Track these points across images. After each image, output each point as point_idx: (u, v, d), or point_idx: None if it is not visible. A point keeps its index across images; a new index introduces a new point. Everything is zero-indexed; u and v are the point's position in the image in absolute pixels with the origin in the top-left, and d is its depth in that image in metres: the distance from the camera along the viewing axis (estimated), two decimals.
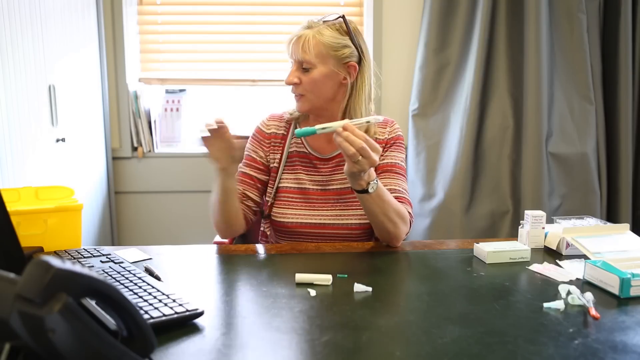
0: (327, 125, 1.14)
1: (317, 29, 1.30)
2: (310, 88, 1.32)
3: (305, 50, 1.29)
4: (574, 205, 2.47)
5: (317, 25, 1.31)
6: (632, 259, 1.14)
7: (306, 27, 1.32)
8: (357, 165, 1.12)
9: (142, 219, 2.72)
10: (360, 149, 1.10)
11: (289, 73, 1.33)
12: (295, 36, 1.31)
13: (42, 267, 0.55)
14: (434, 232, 2.49)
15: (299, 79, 1.32)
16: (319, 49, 1.29)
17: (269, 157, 1.43)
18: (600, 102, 2.49)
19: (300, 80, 1.32)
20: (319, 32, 1.29)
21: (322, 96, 1.33)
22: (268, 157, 1.43)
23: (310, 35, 1.29)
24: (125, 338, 0.66)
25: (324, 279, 1.04)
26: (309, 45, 1.28)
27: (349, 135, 1.10)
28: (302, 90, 1.33)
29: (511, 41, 2.45)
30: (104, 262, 1.10)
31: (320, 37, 1.29)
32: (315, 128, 1.15)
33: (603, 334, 0.83)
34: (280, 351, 0.77)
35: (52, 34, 1.98)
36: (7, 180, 1.69)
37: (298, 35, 1.31)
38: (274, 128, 1.44)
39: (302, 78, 1.31)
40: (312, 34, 1.29)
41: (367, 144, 1.10)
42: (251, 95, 2.78)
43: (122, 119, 2.63)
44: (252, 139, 1.46)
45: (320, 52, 1.29)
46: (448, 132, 2.53)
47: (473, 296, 0.99)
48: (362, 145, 1.09)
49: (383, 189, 1.22)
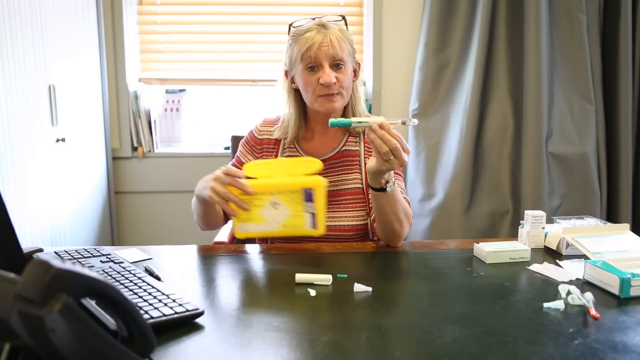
0: (364, 120, 1.13)
1: (338, 27, 1.30)
2: (345, 85, 1.32)
3: (339, 47, 1.28)
4: (574, 205, 2.47)
5: (332, 24, 1.30)
6: (632, 259, 1.14)
7: (322, 27, 1.29)
8: (387, 164, 1.12)
9: (142, 219, 2.72)
10: (394, 149, 1.10)
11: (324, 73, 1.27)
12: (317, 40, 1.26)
13: (42, 267, 0.55)
14: (434, 232, 2.49)
15: (336, 77, 1.30)
16: (345, 46, 1.30)
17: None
18: (600, 102, 2.49)
19: (336, 78, 1.30)
20: (341, 30, 1.30)
21: (350, 93, 1.35)
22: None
23: (337, 33, 1.29)
24: (125, 338, 0.66)
25: (324, 279, 1.04)
26: (340, 43, 1.28)
27: (385, 134, 1.10)
28: (339, 88, 1.31)
29: (511, 41, 2.45)
30: (104, 262, 1.10)
31: (344, 34, 1.30)
32: (350, 120, 1.14)
33: (603, 334, 0.83)
34: (280, 351, 0.77)
35: (52, 34, 1.98)
36: (7, 180, 1.69)
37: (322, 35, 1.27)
38: (267, 134, 1.43)
39: (338, 76, 1.30)
40: (336, 32, 1.29)
41: (400, 144, 1.11)
42: (251, 95, 2.78)
43: (122, 119, 2.63)
44: (245, 143, 1.45)
45: (346, 49, 1.30)
46: (448, 132, 2.53)
47: (473, 296, 0.99)
48: (396, 145, 1.10)
49: (397, 188, 1.25)
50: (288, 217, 1.15)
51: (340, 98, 1.32)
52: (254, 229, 1.17)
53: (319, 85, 1.29)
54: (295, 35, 1.31)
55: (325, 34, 1.28)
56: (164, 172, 2.67)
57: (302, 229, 1.16)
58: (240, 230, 1.18)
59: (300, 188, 1.14)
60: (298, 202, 1.14)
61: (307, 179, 1.15)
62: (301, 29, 1.31)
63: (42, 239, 1.91)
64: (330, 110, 1.33)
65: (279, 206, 1.15)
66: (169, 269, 1.12)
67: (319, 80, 1.28)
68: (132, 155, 2.66)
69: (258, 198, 1.15)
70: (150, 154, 2.66)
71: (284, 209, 1.15)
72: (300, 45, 1.29)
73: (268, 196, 1.15)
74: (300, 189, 1.13)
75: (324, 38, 1.27)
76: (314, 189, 1.14)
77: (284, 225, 1.16)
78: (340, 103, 1.33)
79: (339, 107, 1.34)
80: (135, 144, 2.66)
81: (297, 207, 1.15)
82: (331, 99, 1.31)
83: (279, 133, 1.41)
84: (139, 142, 2.65)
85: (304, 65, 1.29)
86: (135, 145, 2.67)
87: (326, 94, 1.30)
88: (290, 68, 1.35)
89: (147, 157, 2.66)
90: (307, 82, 1.30)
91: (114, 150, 2.63)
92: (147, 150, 2.65)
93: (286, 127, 1.40)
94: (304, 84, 1.32)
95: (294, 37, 1.31)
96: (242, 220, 1.17)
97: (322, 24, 1.30)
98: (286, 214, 1.15)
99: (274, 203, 1.15)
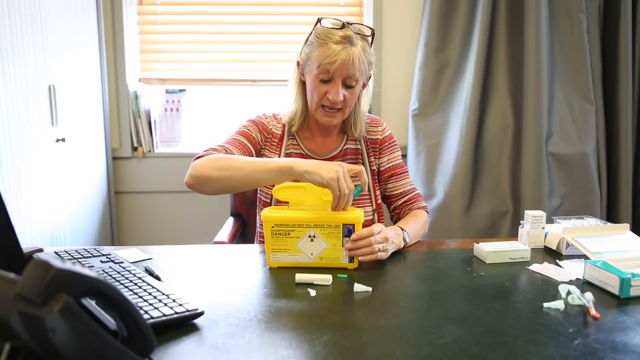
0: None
1: (361, 46, 1.29)
2: (350, 103, 1.34)
3: (359, 69, 1.28)
4: (574, 205, 2.47)
5: (358, 41, 1.28)
6: (632, 259, 1.14)
7: (349, 43, 1.27)
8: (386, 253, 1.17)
9: (142, 219, 2.72)
10: (373, 250, 1.13)
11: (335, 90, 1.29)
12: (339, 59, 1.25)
13: (42, 267, 0.55)
14: (434, 232, 2.49)
15: (344, 95, 1.31)
16: (364, 66, 1.30)
17: (264, 147, 1.43)
18: (600, 102, 2.49)
19: (344, 97, 1.32)
20: (364, 49, 1.29)
21: (352, 107, 1.37)
22: (262, 145, 1.43)
23: (360, 54, 1.28)
24: (125, 338, 0.66)
25: (324, 279, 1.04)
26: (361, 63, 1.28)
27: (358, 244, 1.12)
28: (342, 105, 1.33)
29: (511, 41, 2.45)
30: (104, 262, 1.10)
31: (365, 54, 1.30)
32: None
33: (603, 334, 0.83)
34: (280, 351, 0.77)
35: (52, 34, 1.98)
36: (7, 180, 1.69)
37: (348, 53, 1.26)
38: (275, 129, 1.45)
39: (346, 94, 1.32)
40: (359, 51, 1.27)
41: (376, 242, 1.13)
42: (251, 95, 2.78)
43: (122, 119, 2.63)
44: (252, 122, 1.44)
45: (362, 70, 1.30)
46: (448, 132, 2.53)
47: (473, 296, 0.99)
48: (372, 248, 1.12)
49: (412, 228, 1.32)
50: (325, 250, 1.14)
51: (341, 114, 1.36)
52: (288, 259, 1.15)
53: (325, 97, 1.31)
54: (322, 38, 1.28)
55: (349, 53, 1.26)
56: (164, 172, 2.67)
57: (338, 262, 1.14)
58: (274, 260, 1.15)
59: (342, 223, 1.12)
60: (337, 236, 1.13)
61: (349, 215, 1.13)
62: (329, 34, 1.28)
63: (42, 239, 1.91)
64: (327, 123, 1.37)
65: (316, 239, 1.13)
66: (169, 269, 1.12)
67: (327, 94, 1.30)
68: (132, 155, 2.66)
69: (296, 230, 1.13)
70: (150, 154, 2.66)
71: (321, 241, 1.13)
72: (322, 52, 1.27)
73: (307, 229, 1.13)
74: (341, 224, 1.12)
75: (347, 56, 1.26)
76: (355, 225, 1.13)
77: (320, 258, 1.14)
78: (339, 119, 1.37)
79: (337, 122, 1.38)
80: (135, 144, 2.66)
81: (336, 241, 1.13)
82: (332, 114, 1.34)
83: (287, 119, 1.43)
84: (139, 142, 2.65)
85: (318, 72, 1.29)
86: (135, 145, 2.67)
87: (329, 107, 1.33)
88: (304, 62, 1.35)
89: (147, 157, 2.66)
90: (315, 89, 1.32)
91: (114, 150, 2.63)
92: (147, 150, 2.65)
93: (293, 115, 1.42)
94: (311, 89, 1.34)
95: (319, 40, 1.29)
96: (276, 250, 1.14)
97: (349, 38, 1.27)
98: (323, 247, 1.14)
99: (312, 236, 1.13)
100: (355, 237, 1.11)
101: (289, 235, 1.13)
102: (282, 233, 1.13)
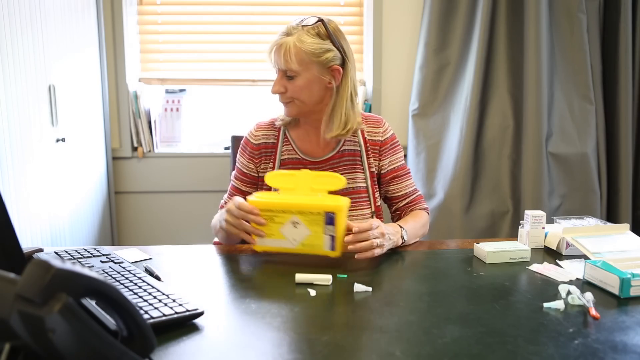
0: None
1: (297, 36, 1.27)
2: (297, 95, 1.32)
3: (287, 59, 1.27)
4: (574, 205, 2.47)
5: (296, 31, 1.28)
6: (632, 259, 1.14)
7: (285, 34, 1.29)
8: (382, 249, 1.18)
9: (142, 219, 2.72)
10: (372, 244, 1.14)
11: (274, 82, 1.32)
12: (275, 45, 1.29)
13: (42, 267, 0.55)
14: (434, 232, 2.49)
15: (285, 87, 1.31)
16: (300, 56, 1.27)
17: (260, 167, 1.43)
18: (600, 102, 2.49)
19: (286, 89, 1.31)
20: (299, 40, 1.27)
21: (310, 101, 1.34)
22: (259, 168, 1.43)
23: (291, 44, 1.27)
24: (125, 338, 0.66)
25: (324, 279, 1.04)
26: (291, 54, 1.27)
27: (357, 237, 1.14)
28: (289, 97, 1.33)
29: (511, 41, 2.45)
30: (104, 262, 1.10)
31: (301, 44, 1.26)
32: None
33: (603, 334, 0.83)
34: (280, 351, 0.77)
35: (52, 34, 1.98)
36: (7, 180, 1.69)
37: (279, 44, 1.28)
38: (263, 138, 1.43)
39: (288, 86, 1.31)
40: (292, 41, 1.27)
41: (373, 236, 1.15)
42: (251, 95, 2.78)
43: (122, 119, 2.63)
44: (242, 150, 1.45)
45: (302, 60, 1.27)
46: (448, 132, 2.53)
47: (473, 296, 0.99)
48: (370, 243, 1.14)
49: (411, 227, 1.32)
50: (307, 236, 1.16)
51: (294, 106, 1.35)
52: (272, 244, 1.18)
53: None
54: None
55: (283, 43, 1.27)
56: (164, 172, 2.67)
57: (320, 249, 1.16)
58: (259, 244, 1.19)
59: (323, 210, 1.14)
60: (319, 223, 1.14)
61: (331, 203, 1.15)
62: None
63: (42, 239, 1.91)
64: (287, 114, 1.38)
65: (299, 225, 1.15)
66: (169, 269, 1.12)
67: None
68: (132, 155, 2.66)
69: (279, 215, 1.16)
70: (150, 154, 2.66)
71: (304, 228, 1.15)
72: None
73: (289, 215, 1.15)
74: (323, 212, 1.14)
75: (279, 47, 1.28)
76: (336, 213, 1.14)
77: (302, 244, 1.16)
78: (294, 110, 1.35)
79: (295, 113, 1.37)
80: (135, 144, 2.66)
81: (317, 228, 1.15)
82: (285, 104, 1.36)
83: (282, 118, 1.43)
84: (139, 142, 2.65)
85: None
86: (135, 145, 2.66)
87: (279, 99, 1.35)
88: None
89: (147, 157, 2.66)
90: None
91: (114, 150, 2.63)
92: (147, 150, 2.65)
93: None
94: None
95: None
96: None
97: (289, 31, 1.29)
98: (305, 234, 1.16)
99: (295, 222, 1.15)
100: (356, 230, 1.13)
101: (274, 220, 1.17)
102: (267, 218, 1.16)
